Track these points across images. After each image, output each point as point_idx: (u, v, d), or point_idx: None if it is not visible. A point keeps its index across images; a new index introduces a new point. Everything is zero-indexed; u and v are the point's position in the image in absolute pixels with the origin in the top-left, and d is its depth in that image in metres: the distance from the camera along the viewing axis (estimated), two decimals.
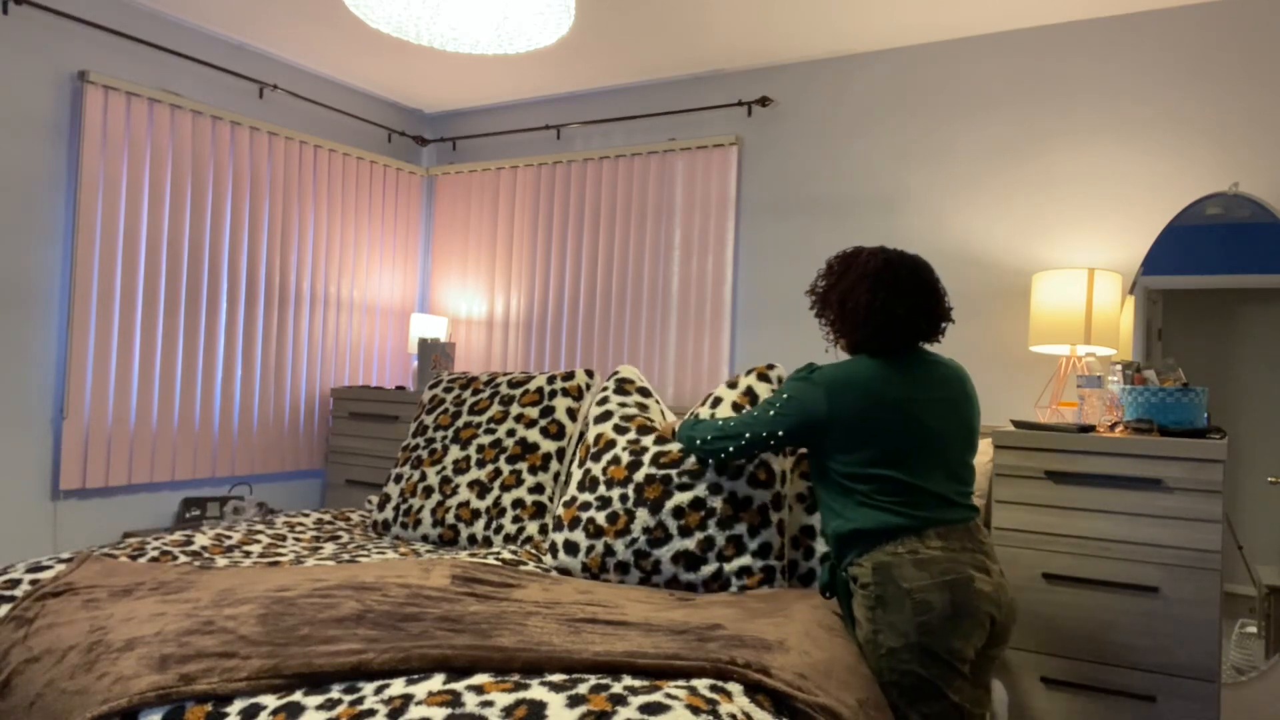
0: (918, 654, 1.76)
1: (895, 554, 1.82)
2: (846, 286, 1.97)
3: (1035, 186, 3.19)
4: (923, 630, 1.76)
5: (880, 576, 1.82)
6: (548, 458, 2.74)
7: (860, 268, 1.96)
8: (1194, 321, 2.88)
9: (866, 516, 1.85)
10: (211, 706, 1.44)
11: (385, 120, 4.42)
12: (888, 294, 1.92)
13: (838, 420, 1.88)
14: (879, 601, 1.81)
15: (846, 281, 1.98)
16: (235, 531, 2.61)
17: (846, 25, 3.28)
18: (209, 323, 3.59)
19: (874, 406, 1.87)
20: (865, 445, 1.86)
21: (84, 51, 3.21)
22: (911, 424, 1.87)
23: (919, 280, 1.95)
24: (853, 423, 1.87)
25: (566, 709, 1.34)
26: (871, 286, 1.93)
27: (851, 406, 1.87)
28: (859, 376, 1.90)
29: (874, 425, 1.86)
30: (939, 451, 1.90)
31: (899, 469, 1.86)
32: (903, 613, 1.78)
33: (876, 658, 1.81)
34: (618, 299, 3.97)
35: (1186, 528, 2.29)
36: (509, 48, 2.52)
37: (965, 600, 1.79)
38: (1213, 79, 2.93)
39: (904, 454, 1.86)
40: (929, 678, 1.77)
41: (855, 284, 1.95)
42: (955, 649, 1.78)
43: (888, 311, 1.92)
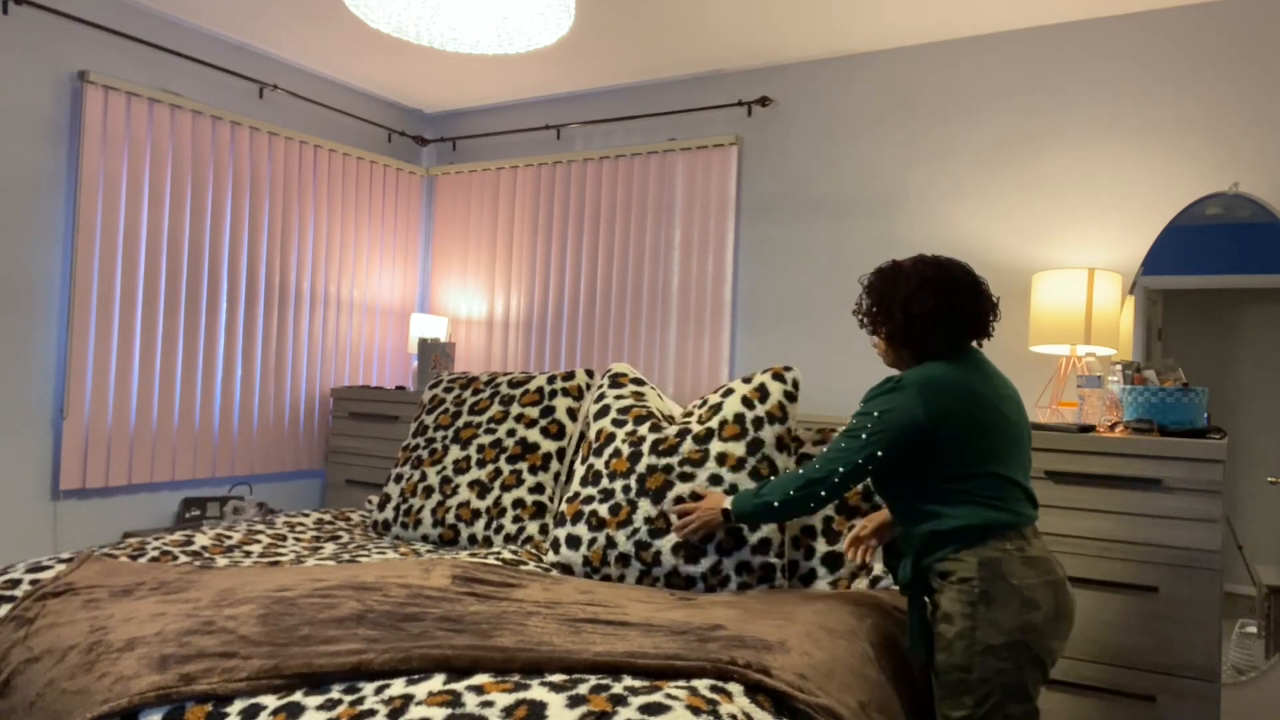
0: (1016, 653, 1.75)
1: (1004, 550, 1.79)
2: (907, 294, 1.94)
3: (1035, 186, 3.19)
4: (1026, 629, 1.75)
5: (987, 572, 1.78)
6: (548, 457, 2.74)
7: (916, 275, 1.95)
8: (1194, 321, 2.88)
9: (972, 513, 1.82)
10: (212, 706, 1.44)
11: (385, 120, 4.42)
12: (951, 296, 1.92)
13: (938, 422, 1.83)
14: (983, 597, 1.77)
15: (905, 290, 1.95)
16: (235, 531, 2.61)
17: (846, 25, 3.28)
18: (209, 323, 3.59)
19: (970, 404, 1.85)
20: (969, 443, 1.84)
21: (84, 51, 3.21)
22: (1000, 420, 1.87)
23: (972, 280, 1.97)
24: (954, 422, 1.84)
25: (567, 709, 1.34)
26: (935, 291, 1.92)
27: (950, 406, 1.84)
28: (947, 377, 1.87)
29: (974, 422, 1.85)
30: (1024, 448, 1.92)
31: (999, 465, 1.85)
32: (1009, 610, 1.76)
33: (969, 654, 1.77)
34: (618, 299, 3.97)
35: (1186, 528, 2.29)
36: (509, 48, 2.52)
37: (1064, 601, 1.81)
38: (1213, 79, 2.94)
39: (1000, 450, 1.86)
40: (1022, 678, 1.75)
41: (917, 291, 1.93)
42: (1053, 650, 1.78)
43: (956, 312, 1.92)
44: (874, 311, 2.00)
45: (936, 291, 1.92)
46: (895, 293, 1.96)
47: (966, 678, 1.77)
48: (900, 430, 1.84)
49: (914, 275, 1.95)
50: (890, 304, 1.96)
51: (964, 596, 1.80)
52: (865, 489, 2.44)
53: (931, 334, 1.92)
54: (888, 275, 1.99)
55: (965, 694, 1.78)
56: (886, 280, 1.99)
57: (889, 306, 1.96)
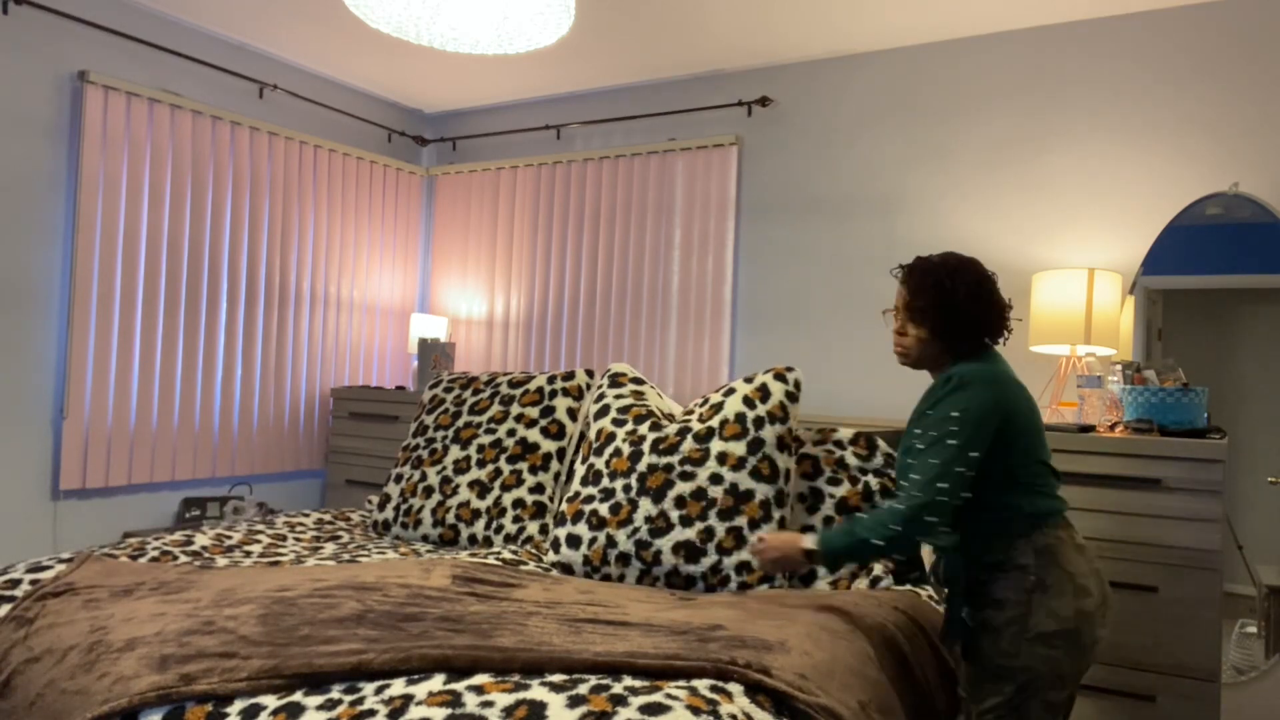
0: (1067, 640, 1.75)
1: (1057, 537, 1.80)
2: (967, 292, 1.90)
3: (1035, 186, 3.19)
4: (1080, 616, 1.76)
5: (1043, 560, 1.78)
6: (548, 457, 2.74)
7: (971, 272, 1.92)
8: (1194, 321, 2.88)
9: (1029, 501, 1.82)
10: (212, 707, 1.44)
11: (385, 120, 4.42)
12: (997, 295, 1.94)
13: (1007, 414, 1.84)
14: (1038, 585, 1.77)
15: (963, 287, 1.90)
16: (235, 531, 2.61)
17: (846, 25, 3.28)
18: (209, 323, 3.59)
19: (1021, 396, 1.88)
20: (1025, 434, 1.86)
21: (84, 51, 3.21)
22: (1037, 412, 1.91)
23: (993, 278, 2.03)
24: (1015, 414, 1.85)
25: (567, 709, 1.34)
26: (989, 288, 1.92)
27: (1011, 397, 1.85)
28: (998, 371, 1.89)
29: (1029, 412, 1.88)
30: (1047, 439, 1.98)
31: (1045, 454, 1.89)
32: (1064, 597, 1.76)
33: (1018, 641, 1.76)
34: (618, 299, 3.97)
35: (1186, 528, 2.29)
36: (509, 48, 2.52)
37: (1108, 589, 1.83)
38: (1213, 79, 2.94)
39: (1044, 440, 1.90)
40: (1069, 665, 1.77)
41: (981, 284, 1.91)
42: (1099, 638, 1.80)
43: (1001, 310, 1.94)
44: (923, 306, 1.92)
45: (990, 289, 1.92)
46: (953, 289, 1.89)
47: (1012, 664, 1.76)
48: (983, 425, 1.81)
49: (968, 272, 1.91)
50: (948, 299, 1.89)
51: (1019, 584, 1.78)
52: (865, 488, 2.43)
53: (979, 330, 1.91)
54: (940, 270, 1.92)
55: (1006, 681, 1.77)
56: (940, 275, 1.91)
57: (947, 302, 1.89)
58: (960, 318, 1.89)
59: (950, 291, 1.89)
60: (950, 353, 1.94)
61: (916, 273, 1.95)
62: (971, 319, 1.89)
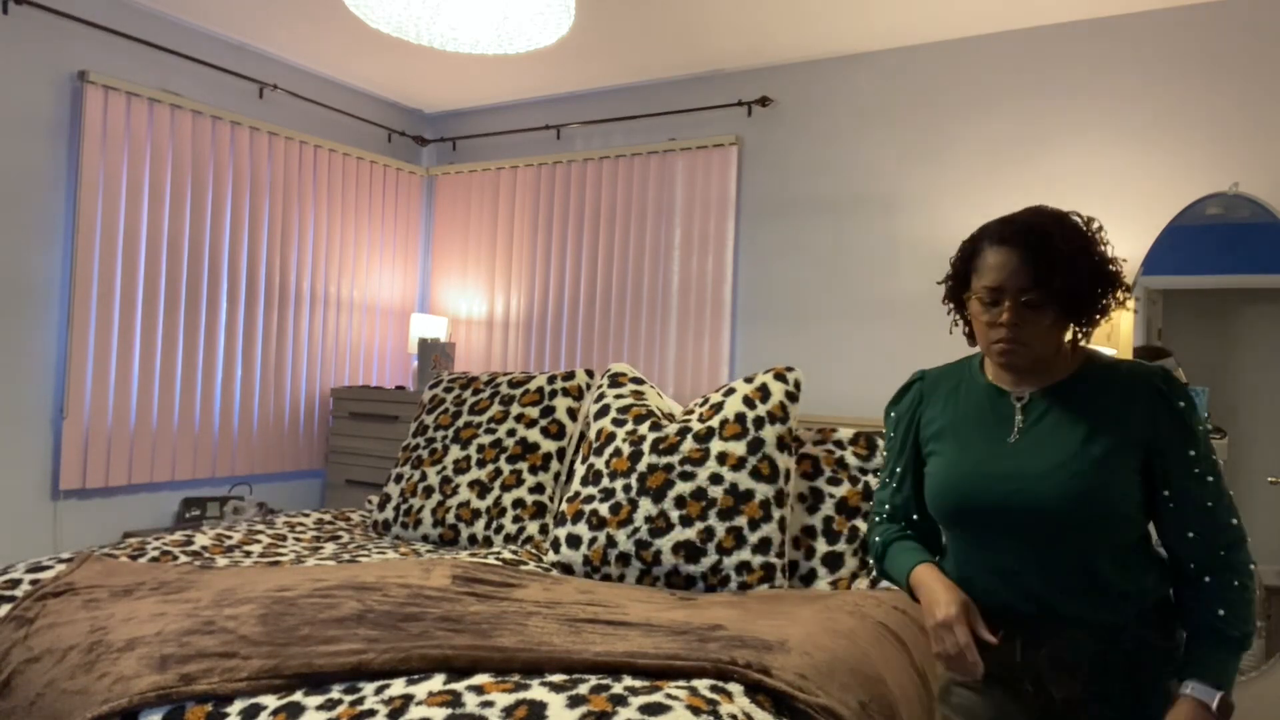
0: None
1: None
2: (1103, 254, 1.42)
3: (1035, 186, 3.19)
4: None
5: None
6: (548, 457, 2.74)
7: (1093, 230, 1.45)
8: (1194, 321, 2.88)
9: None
10: (212, 707, 1.44)
11: (385, 120, 4.42)
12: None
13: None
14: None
15: (1099, 249, 1.42)
16: (235, 531, 2.61)
17: (846, 25, 3.28)
18: (209, 322, 3.59)
19: None
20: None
21: (84, 51, 3.21)
22: None
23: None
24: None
25: (567, 709, 1.34)
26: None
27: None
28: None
29: None
30: None
31: None
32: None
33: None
34: (618, 299, 3.97)
35: None
36: (509, 48, 2.52)
37: None
38: (1213, 79, 2.93)
39: None
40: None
41: (1106, 250, 1.43)
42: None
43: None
44: (1109, 269, 1.40)
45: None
46: (1100, 256, 1.41)
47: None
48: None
49: (1089, 231, 1.44)
50: (1100, 271, 1.39)
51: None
52: (866, 488, 2.43)
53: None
54: (1083, 232, 1.42)
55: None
56: (1085, 238, 1.41)
57: (1103, 274, 1.39)
58: (1115, 290, 1.41)
59: (1100, 262, 1.41)
60: (1065, 339, 1.43)
61: (1057, 236, 1.40)
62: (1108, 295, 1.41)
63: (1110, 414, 1.36)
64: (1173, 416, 1.34)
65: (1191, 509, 1.34)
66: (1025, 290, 1.36)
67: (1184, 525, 1.35)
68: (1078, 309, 1.38)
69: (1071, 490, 1.32)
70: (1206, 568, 1.34)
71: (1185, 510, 1.34)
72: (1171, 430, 1.34)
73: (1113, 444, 1.34)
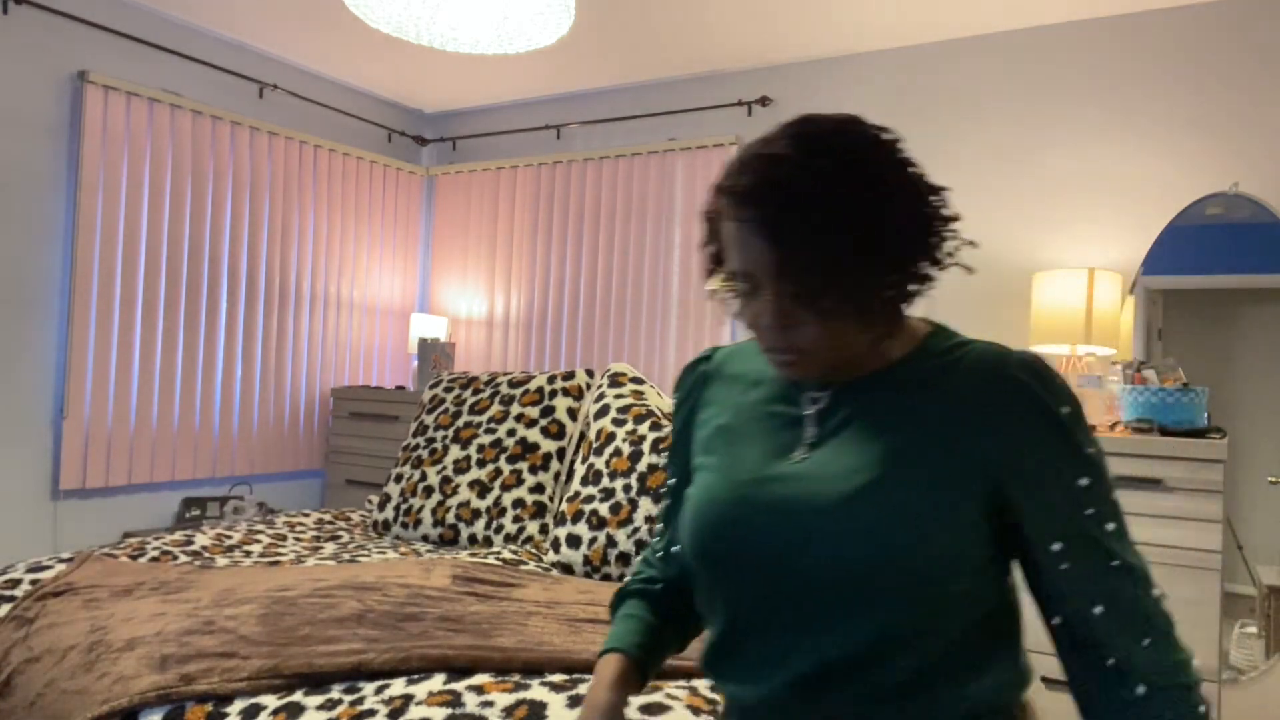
0: None
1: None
2: (899, 181, 0.95)
3: (1035, 186, 3.19)
4: None
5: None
6: (548, 457, 2.74)
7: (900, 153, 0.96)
8: (1194, 321, 2.88)
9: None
10: (212, 706, 1.44)
11: (385, 120, 4.42)
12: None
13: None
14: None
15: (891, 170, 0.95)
16: (235, 531, 2.61)
17: (847, 25, 3.28)
18: (209, 323, 3.59)
19: None
20: None
21: (84, 51, 3.21)
22: None
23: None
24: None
25: (567, 709, 1.34)
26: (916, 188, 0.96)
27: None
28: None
29: None
30: None
31: None
32: None
33: None
34: (618, 299, 3.97)
35: (1186, 528, 2.29)
36: (509, 48, 2.52)
37: None
38: (1213, 79, 2.93)
39: None
40: None
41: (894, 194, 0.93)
42: None
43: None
44: (861, 259, 0.86)
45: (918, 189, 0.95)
46: (898, 192, 0.93)
47: None
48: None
49: (873, 158, 0.93)
50: (900, 221, 0.91)
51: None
52: None
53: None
54: (859, 167, 0.90)
55: None
56: (861, 176, 0.90)
57: (906, 222, 0.92)
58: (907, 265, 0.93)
59: (875, 218, 0.88)
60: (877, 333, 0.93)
61: (790, 186, 0.85)
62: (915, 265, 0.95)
63: (942, 420, 0.87)
64: (1047, 426, 0.85)
65: (1095, 569, 0.86)
66: (783, 279, 0.84)
67: (1084, 596, 0.88)
68: (872, 288, 0.87)
69: (866, 536, 0.84)
70: (1138, 669, 0.89)
71: (1083, 570, 0.87)
72: (1045, 447, 0.85)
73: (940, 468, 0.86)
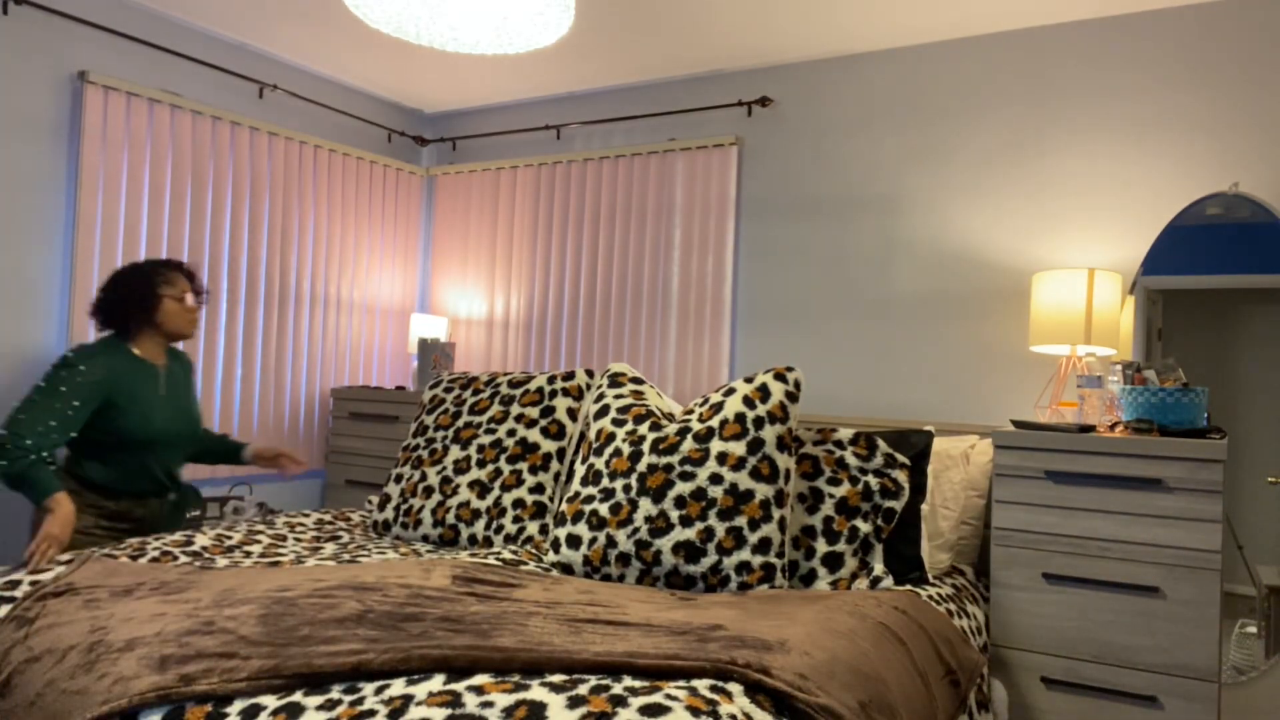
0: None
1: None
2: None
3: (1035, 187, 3.19)
4: None
5: None
6: (548, 458, 2.74)
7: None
8: (1194, 321, 2.88)
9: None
10: (212, 707, 1.44)
11: (385, 120, 4.42)
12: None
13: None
14: None
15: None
16: (235, 532, 2.61)
17: (847, 25, 3.28)
18: (209, 323, 3.59)
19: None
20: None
21: (84, 51, 3.21)
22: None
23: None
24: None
25: (567, 710, 1.34)
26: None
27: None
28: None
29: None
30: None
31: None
32: None
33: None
34: (618, 299, 3.97)
35: (1186, 528, 2.29)
36: (509, 48, 2.52)
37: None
38: (1213, 79, 2.94)
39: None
40: None
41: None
42: None
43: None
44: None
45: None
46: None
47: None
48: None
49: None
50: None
51: None
52: (865, 488, 2.43)
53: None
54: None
55: None
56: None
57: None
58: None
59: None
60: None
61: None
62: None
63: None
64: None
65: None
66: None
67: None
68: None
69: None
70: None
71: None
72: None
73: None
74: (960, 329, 3.30)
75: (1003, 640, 2.48)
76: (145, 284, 2.63)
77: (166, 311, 2.66)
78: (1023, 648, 2.46)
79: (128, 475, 2.64)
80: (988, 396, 3.24)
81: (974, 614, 2.44)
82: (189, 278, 2.74)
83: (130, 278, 2.64)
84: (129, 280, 2.63)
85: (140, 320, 2.65)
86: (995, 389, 3.23)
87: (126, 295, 2.62)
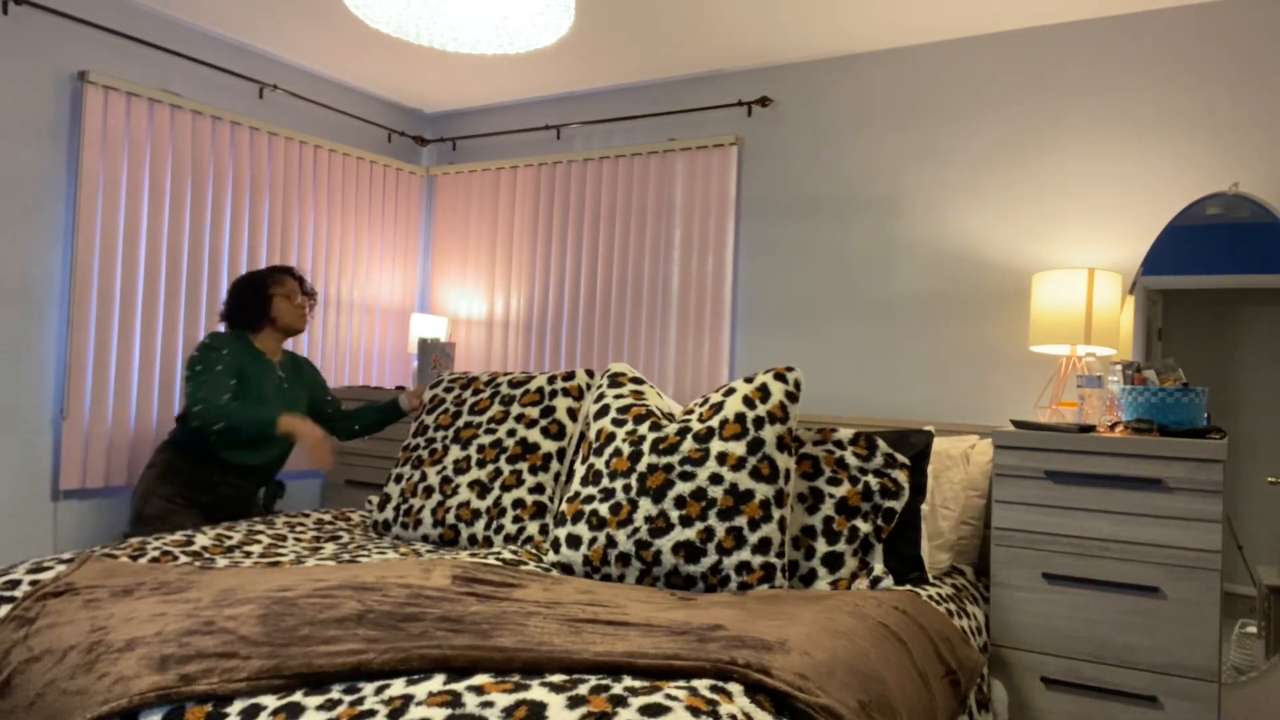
0: None
1: None
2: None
3: (1035, 186, 3.19)
4: None
5: None
6: (548, 458, 2.74)
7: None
8: (1194, 321, 2.88)
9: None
10: (212, 707, 1.44)
11: (385, 120, 4.42)
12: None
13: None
14: None
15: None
16: (235, 532, 2.61)
17: (847, 25, 3.28)
18: (209, 323, 3.59)
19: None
20: None
21: (84, 51, 3.21)
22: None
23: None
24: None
25: (567, 710, 1.34)
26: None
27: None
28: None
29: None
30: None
31: None
32: None
33: None
34: (618, 299, 3.97)
35: (1186, 528, 2.29)
36: (509, 48, 2.52)
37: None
38: (1213, 79, 2.94)
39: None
40: None
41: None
42: None
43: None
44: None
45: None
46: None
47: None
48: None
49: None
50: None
51: None
52: (865, 488, 2.43)
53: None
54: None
55: None
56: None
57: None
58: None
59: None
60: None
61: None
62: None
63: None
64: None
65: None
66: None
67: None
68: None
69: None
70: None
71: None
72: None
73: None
74: (960, 329, 3.30)
75: (1003, 640, 2.48)
76: (258, 285, 2.99)
77: (278, 308, 2.99)
78: (1023, 647, 2.46)
79: (231, 449, 2.92)
80: (988, 396, 3.24)
81: (974, 614, 2.44)
82: (298, 280, 3.07)
83: (246, 281, 3.01)
84: (245, 283, 3.00)
85: (257, 316, 2.98)
86: (995, 389, 3.23)
87: (244, 295, 2.98)
